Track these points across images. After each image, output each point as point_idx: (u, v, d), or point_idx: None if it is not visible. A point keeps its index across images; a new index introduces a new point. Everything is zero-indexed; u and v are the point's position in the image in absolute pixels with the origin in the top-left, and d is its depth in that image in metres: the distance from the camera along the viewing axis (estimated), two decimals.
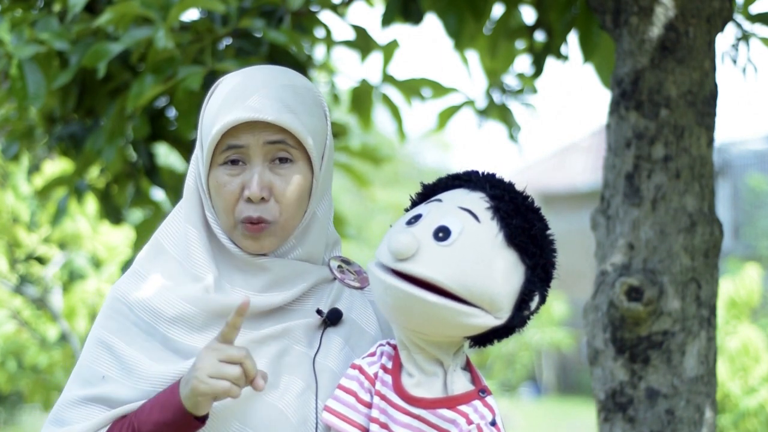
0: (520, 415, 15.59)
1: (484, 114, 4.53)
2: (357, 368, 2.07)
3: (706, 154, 2.98)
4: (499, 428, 1.98)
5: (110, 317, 2.14)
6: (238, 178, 2.10)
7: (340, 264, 2.21)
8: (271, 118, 2.08)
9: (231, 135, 2.09)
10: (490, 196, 2.00)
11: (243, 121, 2.08)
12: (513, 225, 1.97)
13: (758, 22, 3.63)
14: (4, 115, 3.98)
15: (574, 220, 20.63)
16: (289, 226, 2.14)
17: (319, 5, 3.74)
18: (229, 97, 2.11)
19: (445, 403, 1.99)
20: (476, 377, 2.04)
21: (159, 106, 3.90)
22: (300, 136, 2.10)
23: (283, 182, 2.11)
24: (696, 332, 2.94)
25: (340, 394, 2.06)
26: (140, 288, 2.14)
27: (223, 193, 2.11)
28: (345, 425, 2.04)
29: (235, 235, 2.13)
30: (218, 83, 2.17)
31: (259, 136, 2.09)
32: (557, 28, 3.93)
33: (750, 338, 6.91)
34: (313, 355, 2.11)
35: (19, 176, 6.90)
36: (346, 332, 2.16)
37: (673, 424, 2.91)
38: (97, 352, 2.12)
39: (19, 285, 7.12)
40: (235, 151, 2.10)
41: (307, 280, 2.16)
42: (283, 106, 2.10)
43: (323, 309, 2.15)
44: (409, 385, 2.02)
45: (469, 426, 1.96)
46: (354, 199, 21.50)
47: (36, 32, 3.39)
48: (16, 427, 14.09)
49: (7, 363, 7.29)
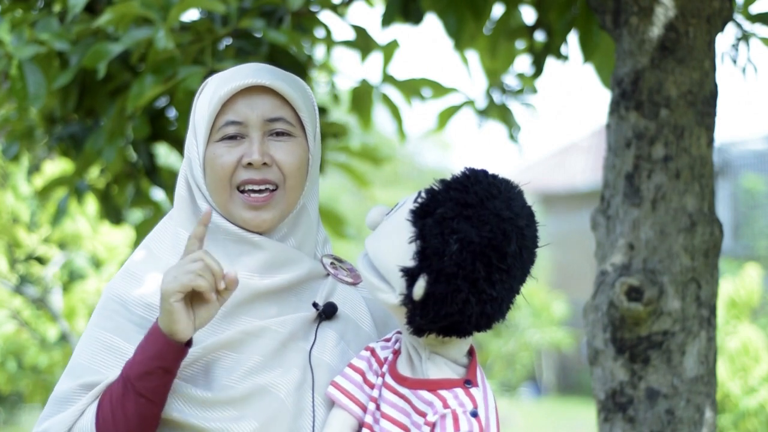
0: (520, 415, 15.59)
1: (484, 114, 4.54)
2: (369, 350, 2.09)
3: (706, 154, 2.98)
4: (480, 420, 1.97)
5: (105, 317, 2.14)
6: (236, 149, 2.12)
7: (333, 261, 2.22)
8: (269, 83, 2.11)
9: (229, 111, 2.11)
10: (441, 180, 1.99)
11: (242, 87, 2.10)
12: (420, 202, 1.96)
13: (758, 22, 3.63)
14: (4, 116, 3.98)
15: (574, 220, 20.64)
16: (292, 199, 2.14)
17: (319, 5, 3.74)
18: (222, 80, 2.14)
19: (426, 384, 2.00)
20: (472, 369, 2.04)
21: (159, 107, 3.90)
22: (296, 105, 2.13)
23: (282, 152, 2.12)
24: (696, 332, 2.94)
25: (349, 372, 2.08)
26: (134, 285, 2.15)
27: (220, 162, 2.11)
28: (348, 401, 2.05)
29: (233, 209, 2.12)
30: (204, 85, 2.20)
31: (258, 111, 2.11)
32: (557, 28, 3.93)
33: (750, 338, 6.91)
34: (309, 349, 2.12)
35: (19, 176, 6.90)
36: (341, 327, 2.17)
37: (673, 424, 2.91)
38: (91, 351, 2.12)
39: (19, 285, 7.12)
40: (234, 127, 2.11)
41: (302, 268, 2.16)
42: (278, 77, 2.14)
43: (318, 303, 2.16)
44: (401, 365, 2.04)
45: (445, 410, 1.96)
46: (354, 199, 21.49)
47: (36, 33, 3.40)
48: (16, 427, 14.08)
49: (7, 363, 7.30)
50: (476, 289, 1.93)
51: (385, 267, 1.96)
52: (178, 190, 2.19)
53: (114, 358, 2.10)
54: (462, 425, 1.95)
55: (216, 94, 2.12)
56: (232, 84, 2.11)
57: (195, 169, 2.15)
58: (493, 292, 1.94)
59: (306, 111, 2.16)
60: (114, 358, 2.10)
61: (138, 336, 2.09)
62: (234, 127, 2.11)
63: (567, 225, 20.98)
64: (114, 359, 2.10)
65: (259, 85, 2.12)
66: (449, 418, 1.95)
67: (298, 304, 2.15)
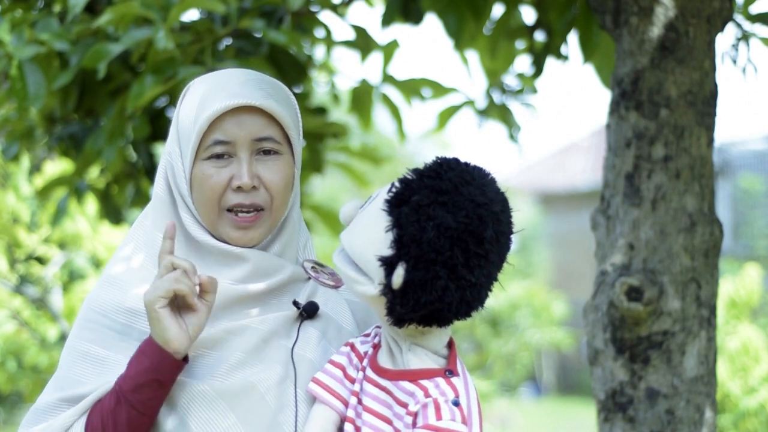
0: (520, 415, 15.59)
1: (484, 114, 4.53)
2: (349, 345, 2.10)
3: (706, 154, 2.98)
4: (461, 409, 1.97)
5: (85, 327, 2.14)
6: (225, 170, 2.11)
7: (314, 265, 2.22)
8: (259, 103, 2.10)
9: (217, 129, 2.10)
10: (414, 170, 2.00)
11: (232, 107, 2.09)
12: (395, 191, 1.96)
13: (758, 22, 3.63)
14: (4, 116, 3.98)
15: (574, 220, 20.63)
16: (278, 216, 2.16)
17: (319, 5, 3.74)
18: (208, 92, 2.12)
19: (407, 375, 2.00)
20: (452, 360, 2.04)
21: (159, 106, 3.90)
22: (284, 123, 2.13)
23: (270, 172, 2.13)
24: (696, 332, 2.94)
25: (329, 368, 2.08)
26: (112, 293, 2.14)
27: (210, 183, 2.11)
28: (329, 396, 2.06)
29: (221, 227, 2.13)
30: (187, 88, 2.18)
31: (247, 131, 2.11)
32: (557, 28, 3.93)
33: (750, 338, 6.90)
34: (291, 347, 2.13)
35: (20, 176, 6.90)
36: (323, 326, 2.18)
37: (673, 424, 2.91)
38: (73, 361, 2.12)
39: (19, 285, 7.12)
40: (222, 146, 2.11)
41: (284, 273, 2.17)
42: (267, 94, 2.13)
43: (299, 302, 2.16)
44: (381, 359, 2.04)
45: (426, 399, 1.96)
46: (354, 199, 21.46)
47: (36, 33, 3.39)
48: (16, 427, 14.09)
49: (7, 363, 7.29)
50: (455, 275, 1.93)
51: (362, 258, 1.96)
52: (157, 189, 2.19)
53: (95, 368, 2.10)
54: (444, 414, 1.95)
55: (203, 110, 2.11)
56: (221, 103, 2.10)
57: (179, 180, 2.15)
58: (472, 278, 1.94)
59: (293, 127, 2.16)
60: (95, 368, 2.10)
61: (120, 344, 2.10)
62: (222, 146, 2.11)
63: (567, 225, 20.98)
64: (95, 369, 2.10)
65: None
66: (431, 407, 1.96)
67: (279, 306, 2.16)
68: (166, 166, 2.18)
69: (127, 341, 2.11)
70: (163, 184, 2.18)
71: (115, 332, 2.12)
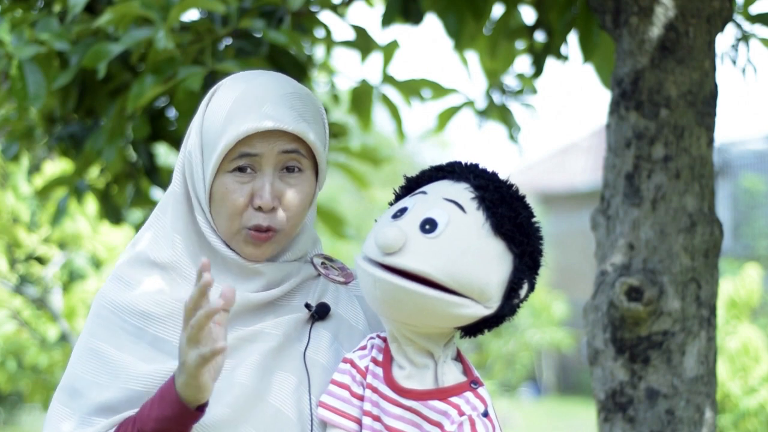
0: (520, 415, 15.59)
1: (484, 114, 4.53)
2: (348, 362, 2.08)
3: (706, 154, 2.98)
4: (491, 419, 1.98)
5: (98, 324, 2.13)
6: (247, 185, 2.09)
7: (324, 261, 2.21)
8: (291, 128, 2.08)
9: (244, 143, 2.08)
10: (474, 187, 2.00)
11: (263, 129, 2.06)
12: (499, 214, 1.98)
13: (758, 22, 3.63)
14: (4, 116, 3.98)
15: (574, 220, 20.64)
16: (291, 234, 2.15)
17: (319, 5, 3.74)
18: (239, 104, 2.09)
19: (436, 394, 2.00)
20: (468, 368, 2.04)
21: (159, 107, 3.90)
22: (314, 146, 2.11)
23: (292, 192, 2.11)
24: (696, 332, 2.94)
25: (334, 389, 2.06)
26: (126, 293, 2.12)
27: (232, 199, 2.09)
28: (341, 419, 2.04)
29: (236, 241, 2.12)
30: (216, 89, 2.15)
31: (274, 145, 2.08)
32: (557, 28, 3.93)
33: (750, 338, 6.90)
34: (303, 350, 2.12)
35: (20, 176, 6.90)
36: (335, 327, 2.17)
37: (673, 424, 2.91)
38: (86, 360, 2.11)
39: (19, 285, 7.12)
40: (248, 159, 2.09)
41: (296, 277, 2.16)
42: (298, 115, 2.10)
43: (311, 303, 2.15)
44: (400, 377, 2.02)
45: (461, 417, 1.97)
46: (353, 199, 21.49)
47: (36, 33, 3.39)
48: (16, 427, 14.09)
49: (7, 363, 7.29)
50: (537, 272, 2.05)
51: (470, 283, 1.95)
52: (174, 186, 2.16)
53: (103, 366, 2.09)
54: (479, 429, 1.97)
55: (231, 124, 2.07)
56: (251, 124, 2.06)
57: (198, 187, 2.13)
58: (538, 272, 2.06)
59: (320, 144, 2.13)
60: (109, 369, 2.09)
61: (133, 347, 2.09)
62: (248, 159, 2.09)
63: (567, 225, 20.98)
64: (108, 369, 2.09)
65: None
66: (467, 425, 1.97)
67: (290, 308, 2.15)
68: (185, 164, 2.15)
69: (139, 344, 2.09)
70: (180, 182, 2.16)
71: (128, 333, 2.10)
